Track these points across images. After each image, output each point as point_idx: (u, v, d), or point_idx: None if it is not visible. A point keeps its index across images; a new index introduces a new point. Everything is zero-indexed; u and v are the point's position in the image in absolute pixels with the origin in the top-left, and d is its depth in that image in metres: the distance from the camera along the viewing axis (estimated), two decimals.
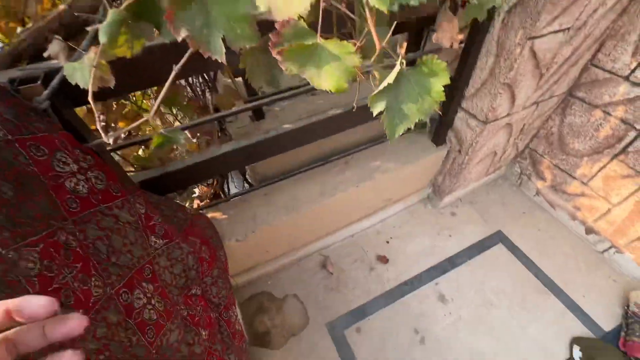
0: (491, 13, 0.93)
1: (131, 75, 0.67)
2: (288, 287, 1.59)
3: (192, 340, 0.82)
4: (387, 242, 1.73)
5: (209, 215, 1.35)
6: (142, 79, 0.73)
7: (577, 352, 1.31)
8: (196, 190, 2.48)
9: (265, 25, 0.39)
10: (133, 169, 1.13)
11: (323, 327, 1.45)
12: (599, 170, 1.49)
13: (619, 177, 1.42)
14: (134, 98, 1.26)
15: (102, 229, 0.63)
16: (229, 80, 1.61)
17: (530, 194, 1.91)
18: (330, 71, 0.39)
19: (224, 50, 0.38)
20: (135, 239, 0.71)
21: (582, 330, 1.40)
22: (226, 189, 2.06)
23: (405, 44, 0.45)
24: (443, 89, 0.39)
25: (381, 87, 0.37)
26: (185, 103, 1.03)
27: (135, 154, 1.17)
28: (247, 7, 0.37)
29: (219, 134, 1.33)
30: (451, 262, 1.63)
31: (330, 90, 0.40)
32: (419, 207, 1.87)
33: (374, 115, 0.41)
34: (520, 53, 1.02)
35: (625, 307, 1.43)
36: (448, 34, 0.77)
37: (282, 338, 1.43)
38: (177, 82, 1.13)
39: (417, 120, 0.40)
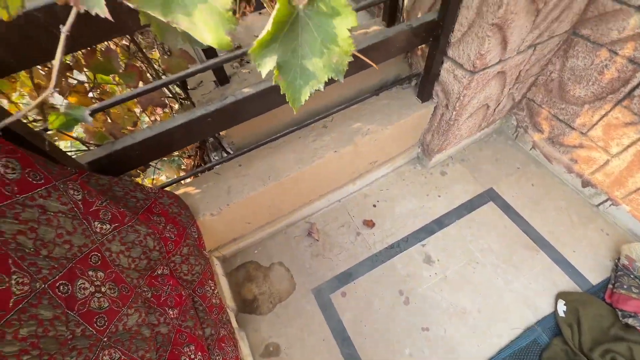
0: None
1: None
2: (275, 255, 1.58)
3: (157, 320, 0.81)
4: (374, 205, 1.68)
5: (182, 190, 1.30)
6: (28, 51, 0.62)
7: (561, 306, 1.31)
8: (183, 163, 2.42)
9: None
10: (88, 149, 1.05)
11: (309, 292, 1.46)
12: (600, 119, 1.36)
13: (621, 125, 1.30)
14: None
15: (24, 222, 0.57)
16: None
17: (526, 147, 1.80)
18: (203, 18, 0.29)
19: (103, 1, 0.29)
20: (73, 228, 0.66)
21: (570, 285, 1.39)
22: (209, 161, 1.99)
23: None
24: (350, 34, 0.29)
25: (264, 33, 0.28)
26: (121, 71, 0.92)
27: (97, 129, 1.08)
28: None
29: (183, 104, 1.22)
30: (439, 223, 1.59)
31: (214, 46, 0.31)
32: (407, 168, 1.79)
33: (263, 75, 0.32)
34: None
35: (616, 260, 1.40)
36: None
37: (269, 304, 1.46)
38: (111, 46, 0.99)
39: (326, 79, 0.31)
